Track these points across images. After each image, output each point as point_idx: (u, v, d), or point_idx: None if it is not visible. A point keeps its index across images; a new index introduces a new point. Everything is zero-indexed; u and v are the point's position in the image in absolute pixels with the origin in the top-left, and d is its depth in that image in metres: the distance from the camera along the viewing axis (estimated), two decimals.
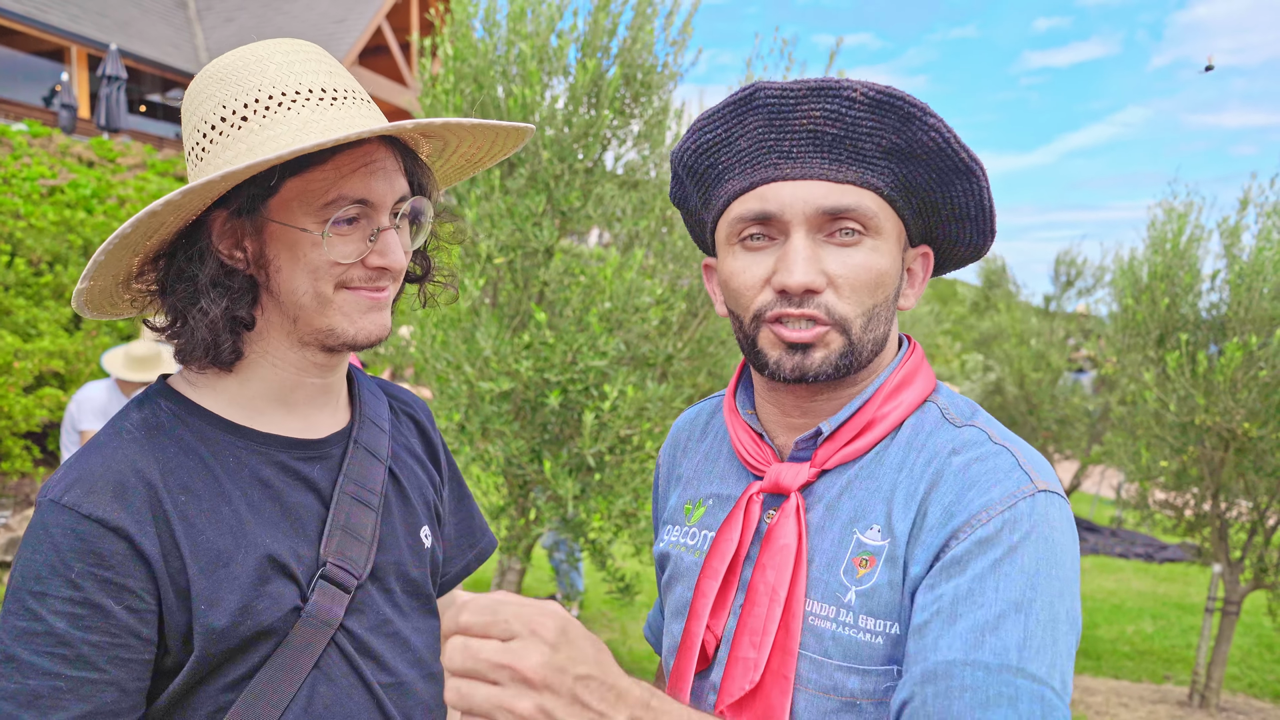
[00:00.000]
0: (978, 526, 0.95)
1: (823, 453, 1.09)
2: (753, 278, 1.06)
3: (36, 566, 1.01)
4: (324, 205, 1.08)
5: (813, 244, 1.03)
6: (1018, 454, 1.01)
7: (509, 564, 4.90)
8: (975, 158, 1.04)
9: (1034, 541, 0.94)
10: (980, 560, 0.93)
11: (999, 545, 0.94)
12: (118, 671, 1.03)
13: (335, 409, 1.27)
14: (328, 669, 1.14)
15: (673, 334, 4.31)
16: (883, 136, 1.01)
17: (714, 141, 1.09)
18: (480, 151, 1.30)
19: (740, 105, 1.05)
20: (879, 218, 1.04)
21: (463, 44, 4.27)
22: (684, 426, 1.38)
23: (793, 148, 1.03)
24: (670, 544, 1.26)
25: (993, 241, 1.13)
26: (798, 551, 1.05)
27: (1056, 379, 11.77)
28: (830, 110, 1.01)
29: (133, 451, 1.08)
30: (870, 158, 1.03)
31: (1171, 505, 5.69)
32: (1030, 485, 0.97)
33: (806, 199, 1.02)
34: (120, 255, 1.08)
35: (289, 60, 1.11)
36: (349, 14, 19.22)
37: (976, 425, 1.07)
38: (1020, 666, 0.88)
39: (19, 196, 8.44)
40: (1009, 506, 0.96)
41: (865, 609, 1.00)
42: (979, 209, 1.08)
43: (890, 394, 1.10)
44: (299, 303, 1.12)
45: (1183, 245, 5.31)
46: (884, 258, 1.04)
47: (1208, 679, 5.45)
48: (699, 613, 1.12)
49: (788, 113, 1.02)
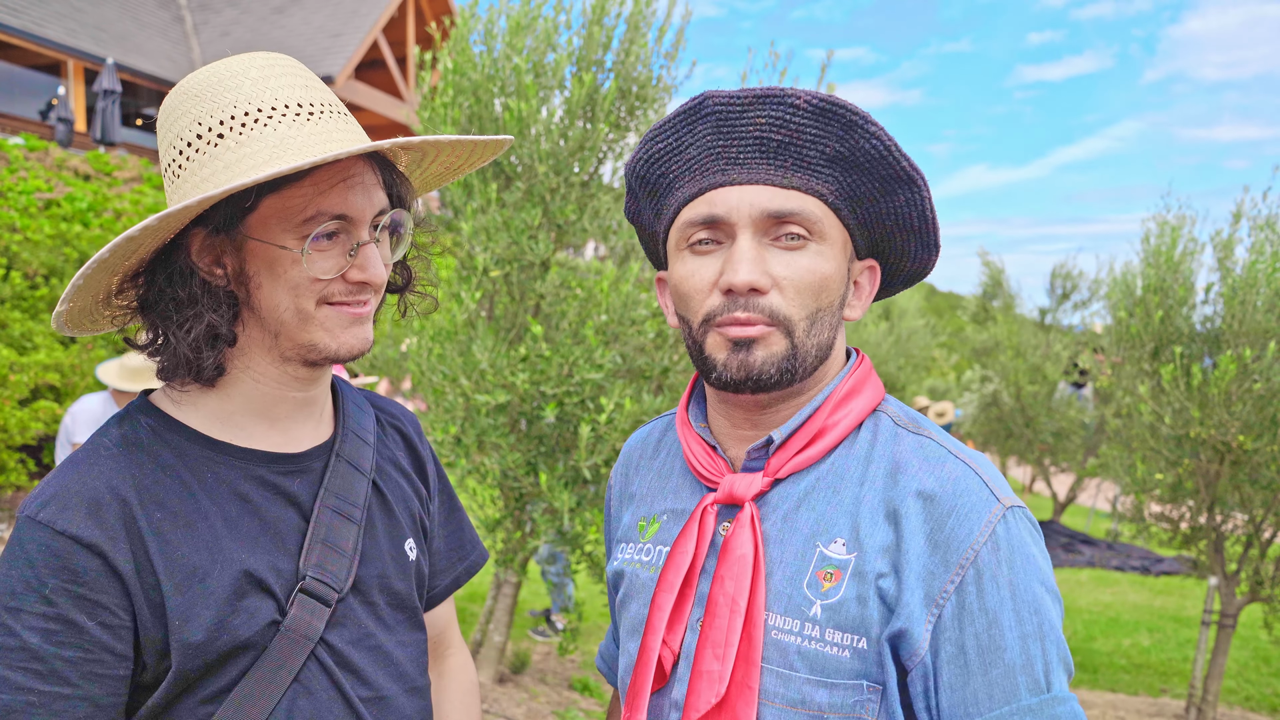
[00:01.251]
0: (967, 567, 0.98)
1: (775, 461, 1.10)
2: (701, 280, 1.08)
3: (11, 582, 1.01)
4: (303, 222, 1.07)
5: (758, 246, 1.05)
6: (978, 469, 1.05)
7: (505, 577, 4.89)
8: (916, 167, 1.06)
9: (1020, 565, 0.99)
10: (982, 602, 0.98)
11: (994, 582, 0.98)
12: (91, 687, 1.03)
13: (318, 422, 1.26)
14: (307, 682, 1.14)
15: (669, 347, 4.32)
16: (826, 144, 1.04)
17: (664, 151, 1.11)
18: (459, 160, 1.30)
19: (690, 114, 1.08)
20: (823, 223, 1.06)
21: (462, 58, 4.28)
22: (636, 445, 1.39)
23: (740, 154, 1.06)
24: (624, 562, 1.26)
25: (937, 256, 1.16)
26: (755, 561, 1.06)
27: (1052, 392, 11.79)
28: (775, 117, 1.03)
29: (109, 468, 1.08)
30: (815, 165, 1.05)
31: (1167, 518, 5.69)
32: (999, 506, 1.01)
33: (753, 202, 1.04)
34: (98, 277, 1.08)
35: (264, 75, 1.10)
36: (345, 28, 19.28)
37: (928, 435, 1.10)
38: (1053, 694, 0.95)
39: (15, 210, 8.44)
40: (989, 535, 0.99)
41: (832, 622, 1.01)
42: (921, 219, 1.10)
43: (840, 403, 1.11)
44: (280, 319, 1.11)
45: (1176, 258, 5.33)
46: (828, 263, 1.06)
47: (1204, 692, 5.44)
48: (655, 627, 1.12)
49: (735, 119, 1.05)
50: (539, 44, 4.19)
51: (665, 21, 4.30)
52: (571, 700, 5.25)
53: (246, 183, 0.99)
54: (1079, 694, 6.18)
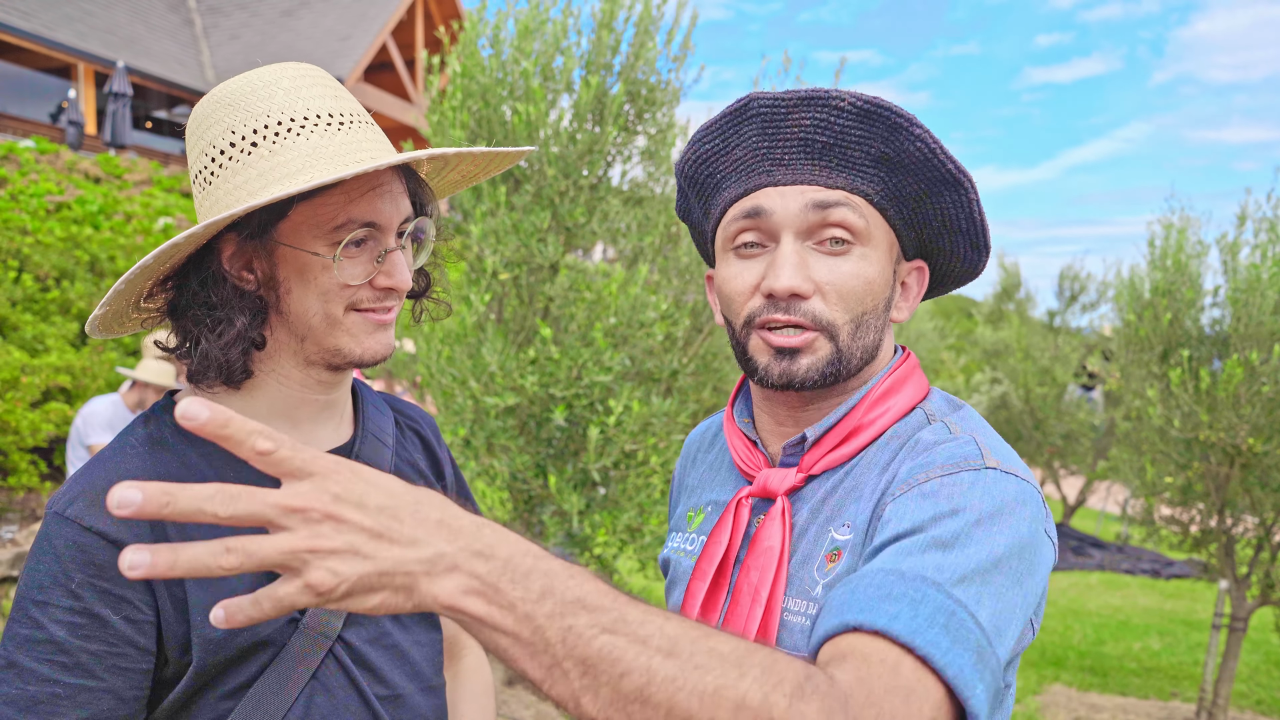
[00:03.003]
0: (914, 485, 0.95)
1: (809, 458, 1.11)
2: (744, 283, 1.08)
3: (40, 576, 1.04)
4: (334, 229, 1.10)
5: (801, 250, 1.05)
6: (978, 440, 1.01)
7: None
8: (963, 169, 1.05)
9: (979, 497, 0.91)
10: (918, 509, 0.91)
11: (937, 496, 0.92)
12: (115, 680, 1.05)
13: (338, 424, 1.29)
14: (325, 680, 1.16)
15: (677, 349, 4.32)
16: (871, 145, 1.04)
17: (712, 152, 1.12)
18: (477, 167, 1.33)
19: (736, 115, 1.08)
20: (868, 224, 1.06)
21: (470, 61, 4.30)
22: (695, 440, 1.42)
23: (784, 155, 1.06)
24: (672, 550, 1.30)
25: (988, 258, 1.15)
26: (781, 553, 1.07)
27: (1062, 394, 11.77)
28: (819, 119, 1.03)
29: (135, 465, 1.10)
30: (860, 165, 1.05)
31: (1177, 521, 5.68)
32: (979, 460, 0.96)
33: (797, 203, 1.05)
34: (138, 282, 1.11)
35: (296, 85, 1.13)
36: (354, 31, 19.33)
37: (944, 421, 1.08)
38: (938, 582, 0.82)
39: (26, 212, 8.49)
40: (950, 473, 0.95)
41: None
42: (969, 221, 1.10)
43: (876, 400, 1.11)
44: (308, 323, 1.14)
45: (1183, 261, 5.32)
46: (872, 266, 1.06)
47: (1215, 696, 5.42)
48: (689, 614, 1.13)
49: (779, 121, 1.05)
50: (547, 47, 4.20)
51: (674, 25, 4.31)
52: None
53: (291, 192, 1.01)
54: (1089, 697, 6.17)
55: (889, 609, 0.80)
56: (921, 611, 0.79)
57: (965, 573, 0.84)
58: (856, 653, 0.77)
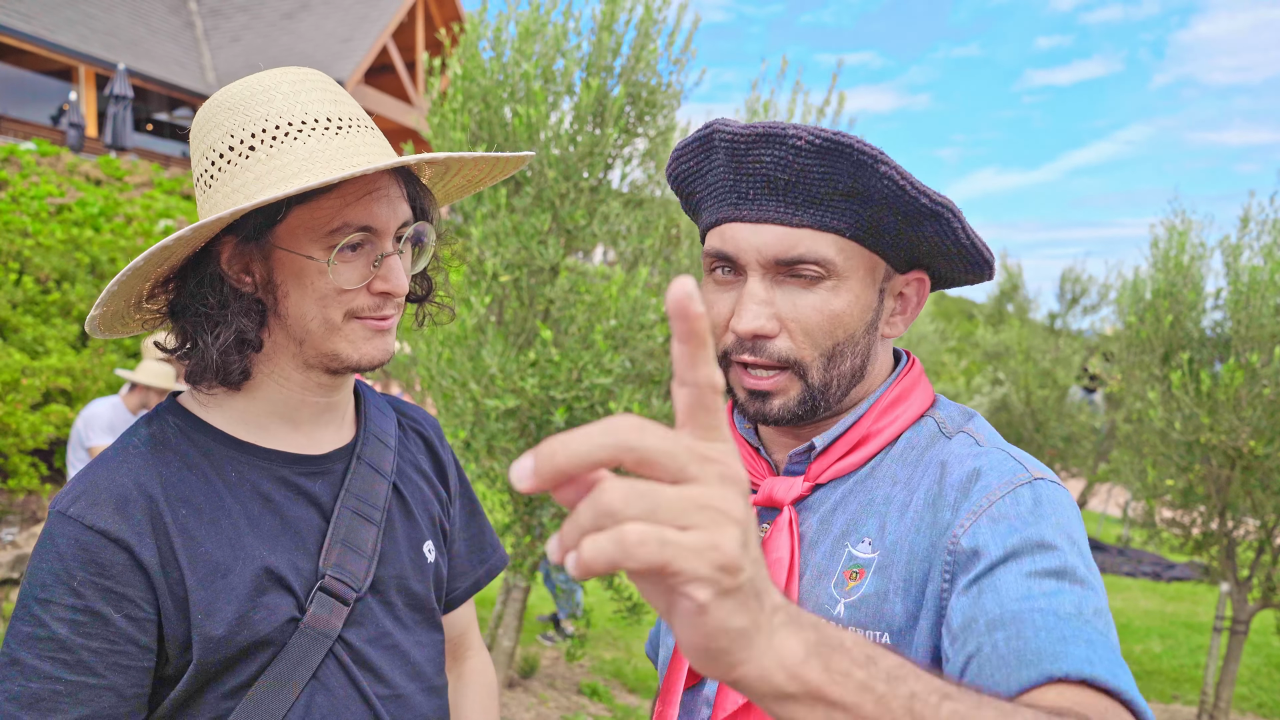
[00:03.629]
0: (983, 511, 0.95)
1: (816, 467, 1.10)
2: (718, 315, 1.07)
3: (42, 574, 1.05)
4: (329, 233, 1.10)
5: (768, 287, 1.03)
6: (1009, 452, 1.02)
7: (514, 582, 4.89)
8: (940, 200, 1.00)
9: (1045, 506, 0.94)
10: (998, 533, 0.92)
11: (1010, 517, 0.93)
12: (116, 677, 1.06)
13: (340, 426, 1.29)
14: (325, 679, 1.16)
15: None
16: (838, 181, 0.99)
17: (688, 172, 1.11)
18: (481, 173, 1.33)
19: (703, 143, 1.07)
20: (836, 262, 1.02)
21: (471, 64, 4.30)
22: None
23: (749, 189, 1.03)
24: None
25: (991, 269, 1.10)
26: (790, 565, 1.05)
27: (1063, 396, 11.76)
28: (778, 157, 0.99)
29: (137, 466, 1.11)
30: (827, 200, 1.01)
31: (1179, 523, 5.67)
32: (1025, 474, 0.98)
33: (760, 245, 1.02)
34: (132, 283, 1.11)
35: (295, 90, 1.14)
36: (354, 33, 19.34)
37: (965, 431, 1.07)
38: (1088, 618, 0.85)
39: (27, 215, 8.49)
40: (1009, 490, 0.96)
41: (854, 620, 1.00)
42: (958, 246, 1.05)
43: (886, 409, 1.10)
44: (306, 327, 1.14)
45: (1185, 263, 5.32)
46: (841, 299, 1.03)
47: (1216, 699, 5.41)
48: None
49: (741, 155, 1.02)
50: (548, 50, 4.20)
51: (675, 27, 4.31)
52: (580, 705, 5.25)
53: (277, 196, 1.02)
54: None
55: (1076, 653, 0.81)
56: (1099, 652, 0.82)
57: (1097, 605, 0.87)
58: (1083, 705, 0.78)
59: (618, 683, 5.90)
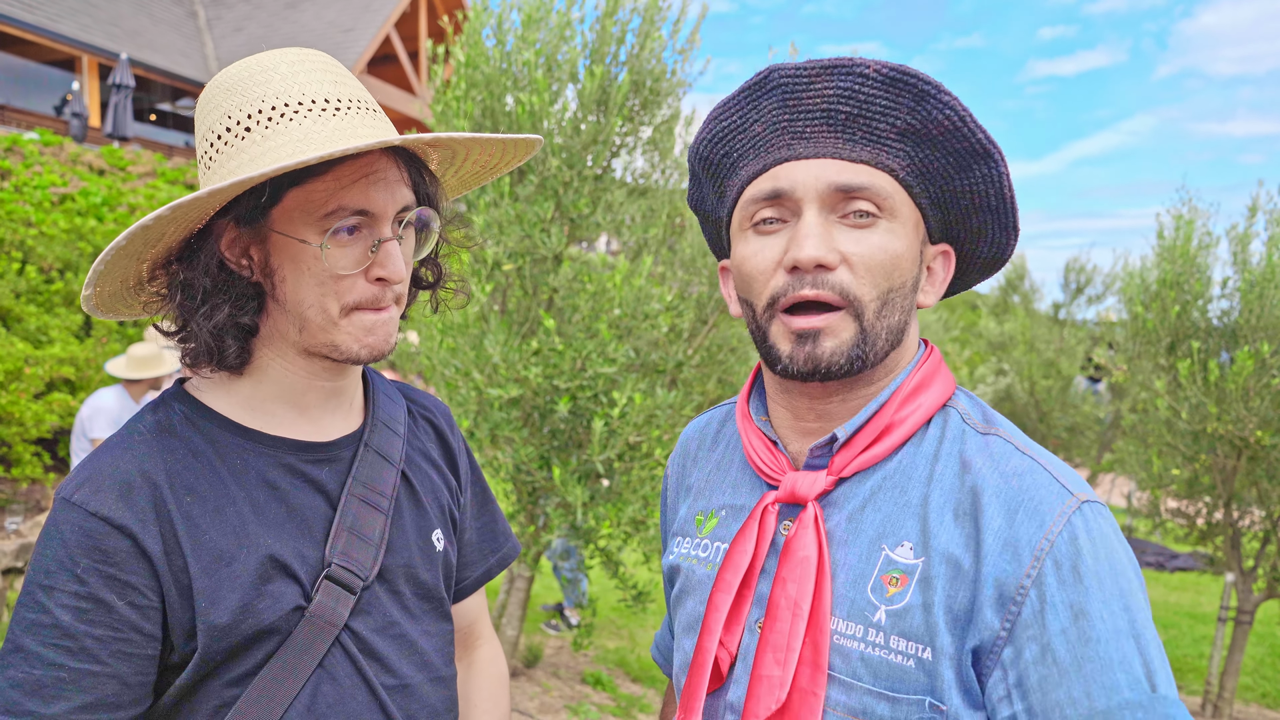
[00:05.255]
0: (1043, 559, 0.93)
1: (839, 460, 1.06)
2: (765, 260, 1.03)
3: (47, 561, 1.04)
4: (324, 215, 1.08)
5: (826, 222, 1.01)
6: (1046, 466, 1.00)
7: (518, 571, 4.89)
8: (993, 140, 1.01)
9: (1104, 558, 0.93)
10: (1065, 595, 0.91)
11: (1075, 574, 0.92)
12: (119, 665, 1.05)
13: (347, 412, 1.27)
14: (331, 668, 1.15)
15: (682, 341, 4.31)
16: (897, 116, 1.00)
17: (729, 129, 1.08)
18: (493, 159, 1.30)
19: (756, 89, 1.04)
20: (893, 199, 1.01)
21: (474, 51, 4.28)
22: (693, 435, 1.34)
23: (806, 127, 1.02)
24: (680, 556, 1.22)
25: (1016, 241, 1.10)
26: (819, 564, 1.01)
27: (1067, 387, 11.73)
28: (843, 88, 0.99)
29: (141, 453, 1.10)
30: (885, 138, 1.01)
31: (1183, 514, 5.66)
32: (1073, 499, 0.96)
33: (819, 175, 1.00)
34: (123, 263, 1.10)
35: (293, 70, 1.11)
36: (357, 23, 19.30)
37: (999, 434, 1.04)
38: (1160, 694, 0.88)
39: (30, 204, 8.49)
40: (1064, 526, 0.94)
41: (897, 629, 0.97)
42: (999, 198, 1.05)
43: (908, 397, 1.06)
44: (304, 314, 1.12)
45: (1192, 253, 5.29)
46: (899, 241, 1.02)
47: (1220, 689, 5.41)
48: (712, 628, 1.08)
49: (801, 92, 1.01)
50: (552, 38, 4.18)
51: (680, 16, 4.29)
52: (584, 694, 5.25)
53: (254, 175, 0.99)
54: None
55: None
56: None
57: (1165, 671, 0.90)
58: None
59: (621, 672, 5.91)
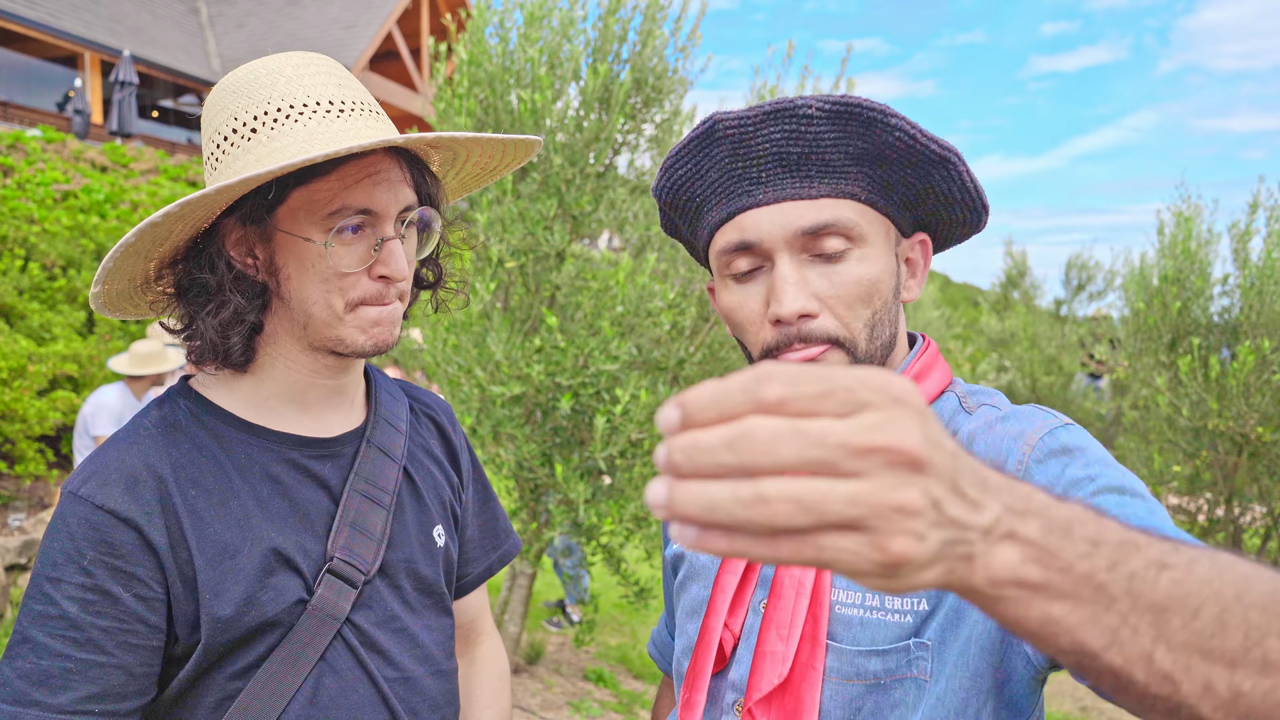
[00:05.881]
0: (1028, 455, 0.97)
1: None
2: (750, 312, 1.06)
3: (54, 554, 1.06)
4: (328, 215, 1.10)
5: (799, 267, 1.03)
6: (1032, 408, 1.05)
7: (520, 568, 4.90)
8: (947, 146, 1.03)
9: (1089, 446, 0.97)
10: (1045, 471, 0.95)
11: (1062, 454, 0.96)
12: (125, 656, 1.07)
13: (350, 409, 1.29)
14: (333, 662, 1.17)
15: (684, 338, 4.32)
16: (849, 144, 1.01)
17: (686, 176, 1.10)
18: (494, 161, 1.33)
19: (703, 139, 1.06)
20: (860, 225, 1.03)
21: (477, 49, 4.28)
22: None
23: (761, 172, 1.03)
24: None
25: (988, 215, 1.13)
26: None
27: (1068, 383, 11.73)
28: (789, 130, 1.01)
29: (147, 447, 1.12)
30: (840, 168, 1.02)
31: (1185, 510, 5.66)
32: (1057, 419, 1.01)
33: (784, 224, 1.02)
34: (131, 262, 1.12)
35: (299, 73, 1.14)
36: (359, 20, 19.30)
37: (988, 404, 1.09)
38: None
39: (33, 201, 8.50)
40: (1048, 431, 0.99)
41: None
42: (963, 192, 1.07)
43: None
44: (309, 311, 1.15)
45: (1193, 249, 5.29)
46: (873, 265, 1.04)
47: None
48: (718, 609, 1.12)
49: (749, 139, 1.02)
50: (554, 36, 4.18)
51: (681, 14, 4.29)
52: (586, 691, 5.27)
53: (262, 173, 1.02)
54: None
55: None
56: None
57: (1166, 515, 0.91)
58: None
59: (623, 668, 5.92)
